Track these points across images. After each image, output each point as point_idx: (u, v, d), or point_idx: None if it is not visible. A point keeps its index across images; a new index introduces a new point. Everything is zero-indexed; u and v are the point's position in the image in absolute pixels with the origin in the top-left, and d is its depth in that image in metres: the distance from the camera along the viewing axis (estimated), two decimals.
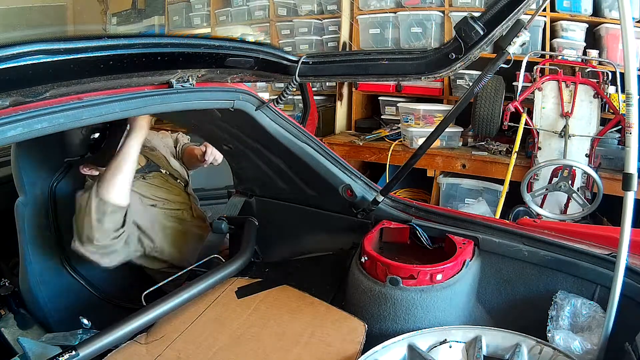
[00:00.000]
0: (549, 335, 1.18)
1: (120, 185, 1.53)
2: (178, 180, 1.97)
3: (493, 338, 1.16)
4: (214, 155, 1.95)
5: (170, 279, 1.48)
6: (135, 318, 1.22)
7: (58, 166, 1.76)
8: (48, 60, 0.84)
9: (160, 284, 1.45)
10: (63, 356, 1.07)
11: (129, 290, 1.88)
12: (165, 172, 1.94)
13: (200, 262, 1.56)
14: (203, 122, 1.60)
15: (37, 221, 1.70)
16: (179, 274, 1.51)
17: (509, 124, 3.21)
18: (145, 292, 1.37)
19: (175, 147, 2.15)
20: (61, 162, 1.74)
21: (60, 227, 1.74)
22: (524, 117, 3.15)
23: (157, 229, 1.75)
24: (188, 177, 2.06)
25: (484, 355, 1.14)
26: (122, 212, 1.55)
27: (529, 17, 1.08)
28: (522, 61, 3.24)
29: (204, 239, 1.80)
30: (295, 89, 1.46)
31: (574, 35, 3.43)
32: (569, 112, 3.15)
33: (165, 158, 1.99)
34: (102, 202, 1.49)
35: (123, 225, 1.56)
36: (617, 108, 3.11)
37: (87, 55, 0.90)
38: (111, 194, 1.51)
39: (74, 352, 1.08)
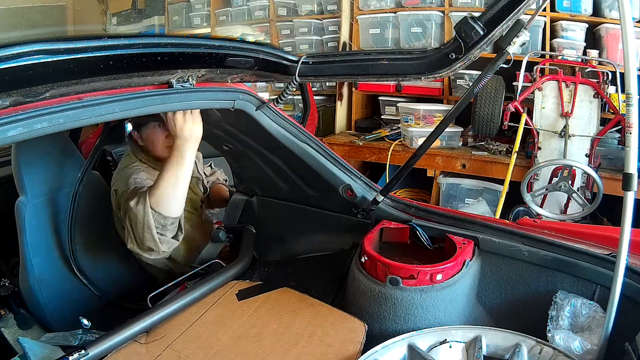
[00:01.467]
0: (549, 335, 1.18)
1: (178, 199, 1.47)
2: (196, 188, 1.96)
3: (493, 338, 1.16)
4: None
5: (175, 281, 1.49)
6: (142, 319, 1.23)
7: (76, 168, 1.77)
8: (48, 60, 0.84)
9: (167, 286, 1.46)
10: (73, 355, 1.08)
11: (129, 290, 1.88)
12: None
13: (202, 267, 1.56)
14: (204, 122, 1.60)
15: (38, 221, 1.70)
16: (183, 277, 1.51)
17: (509, 124, 3.21)
18: (152, 294, 1.37)
19: (207, 179, 2.10)
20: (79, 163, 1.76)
21: (62, 227, 1.74)
22: (524, 117, 3.15)
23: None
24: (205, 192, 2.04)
25: (484, 355, 1.14)
26: (179, 219, 1.53)
27: (529, 17, 1.08)
28: (522, 61, 3.24)
29: None
30: (295, 89, 1.46)
31: (574, 35, 3.43)
32: (569, 112, 3.15)
33: (195, 178, 1.95)
34: (161, 216, 1.44)
35: (180, 228, 1.54)
36: (617, 108, 3.11)
37: (87, 55, 0.91)
38: (171, 209, 1.46)
39: (83, 351, 1.09)
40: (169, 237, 1.49)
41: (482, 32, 1.03)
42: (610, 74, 3.24)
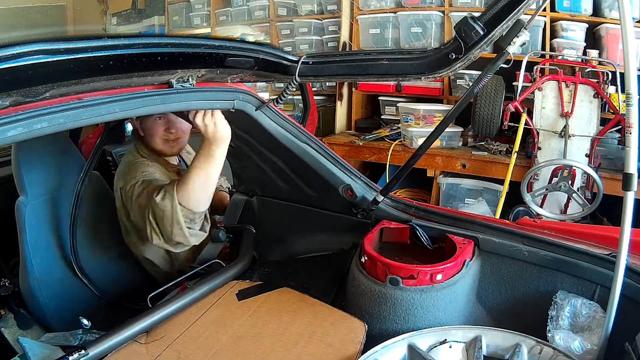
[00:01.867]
0: (549, 335, 1.18)
1: (207, 195, 1.49)
2: None
3: (493, 338, 1.16)
4: None
5: (175, 281, 1.49)
6: (142, 319, 1.23)
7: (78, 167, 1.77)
8: (48, 60, 0.84)
9: (166, 286, 1.45)
10: (73, 355, 1.08)
11: (129, 290, 1.88)
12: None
13: (202, 267, 1.56)
14: None
15: (37, 221, 1.70)
16: (184, 277, 1.51)
17: (509, 124, 3.21)
18: (152, 294, 1.37)
19: None
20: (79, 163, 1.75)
21: (62, 227, 1.74)
22: (524, 117, 3.15)
23: None
24: None
25: (484, 355, 1.14)
26: (205, 210, 1.55)
27: (529, 17, 1.08)
28: (522, 61, 3.23)
29: None
30: (295, 89, 1.46)
31: (574, 35, 3.43)
32: (569, 112, 3.15)
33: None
34: (190, 212, 1.46)
35: (206, 219, 1.56)
36: (617, 108, 3.11)
37: (87, 55, 0.91)
38: (199, 204, 1.48)
39: (83, 351, 1.09)
40: (197, 230, 1.51)
41: (482, 32, 1.03)
42: (610, 74, 3.23)
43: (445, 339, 1.16)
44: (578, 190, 3.05)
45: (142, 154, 1.77)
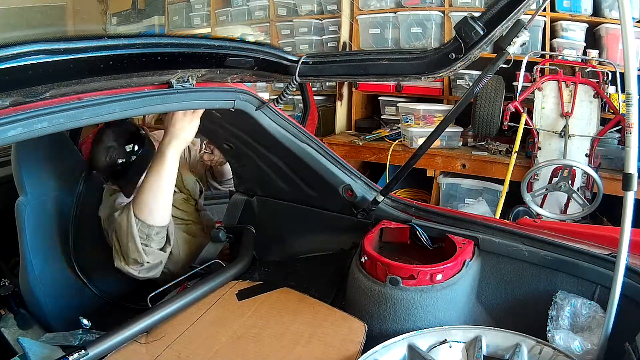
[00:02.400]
0: (549, 335, 1.18)
1: (162, 205, 1.41)
2: (191, 199, 1.95)
3: (493, 338, 1.16)
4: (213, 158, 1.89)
5: (174, 282, 1.48)
6: (142, 319, 1.23)
7: (78, 169, 1.76)
8: (48, 60, 0.84)
9: (166, 286, 1.45)
10: (73, 355, 1.08)
11: (129, 290, 1.88)
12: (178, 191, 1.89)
13: (202, 267, 1.56)
14: (204, 120, 1.60)
15: (37, 221, 1.70)
16: (183, 277, 1.51)
17: (509, 124, 3.21)
18: (151, 294, 1.37)
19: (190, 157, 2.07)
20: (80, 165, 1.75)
21: (62, 227, 1.74)
22: (524, 117, 3.15)
23: (176, 240, 1.73)
24: (201, 193, 2.01)
25: (484, 355, 1.14)
26: (166, 228, 1.47)
27: (529, 17, 1.08)
28: (522, 61, 3.24)
29: None
30: (295, 89, 1.46)
31: (574, 35, 3.43)
32: (569, 112, 3.15)
33: (181, 175, 1.92)
34: (144, 225, 1.40)
35: (168, 240, 1.50)
36: (617, 108, 3.11)
37: (87, 55, 0.91)
38: (154, 216, 1.39)
39: (83, 351, 1.09)
40: (154, 248, 1.44)
41: (482, 32, 1.03)
42: (610, 74, 3.24)
43: (445, 339, 1.16)
44: (578, 190, 3.05)
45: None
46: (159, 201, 1.40)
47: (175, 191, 1.83)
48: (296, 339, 1.20)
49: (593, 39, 3.49)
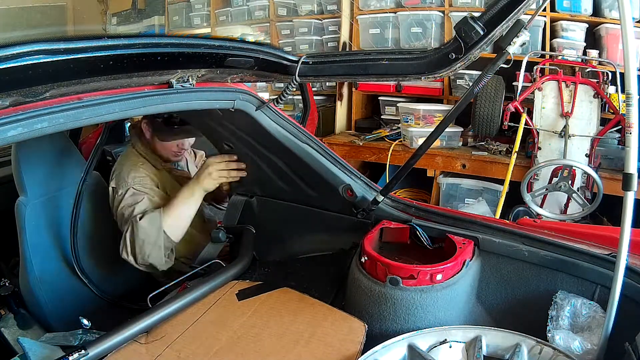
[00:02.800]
0: (549, 335, 1.18)
1: (182, 226, 1.67)
2: None
3: (493, 338, 1.16)
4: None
5: (174, 282, 1.49)
6: (142, 319, 1.23)
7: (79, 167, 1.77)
8: (48, 60, 0.84)
9: (166, 286, 1.45)
10: (73, 355, 1.08)
11: (129, 290, 1.88)
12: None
13: (202, 267, 1.56)
14: (205, 120, 1.60)
15: (37, 221, 1.70)
16: (183, 277, 1.51)
17: (509, 124, 3.21)
18: (152, 294, 1.38)
19: None
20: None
21: (62, 227, 1.74)
22: (524, 117, 3.15)
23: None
24: None
25: (484, 355, 1.14)
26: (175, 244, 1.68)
27: (529, 17, 1.08)
28: (522, 61, 3.24)
29: None
30: (295, 89, 1.46)
31: (574, 35, 3.43)
32: (569, 112, 3.15)
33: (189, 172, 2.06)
34: (168, 240, 1.61)
35: (173, 251, 1.69)
36: (617, 108, 3.11)
37: (87, 55, 0.91)
38: (178, 235, 1.65)
39: (83, 351, 1.09)
40: (164, 253, 1.63)
41: (482, 32, 1.03)
42: (610, 74, 3.23)
43: (445, 339, 1.16)
44: (578, 190, 3.05)
45: (139, 150, 1.84)
46: (182, 223, 1.66)
47: (182, 168, 2.01)
48: (296, 339, 1.20)
49: (593, 39, 3.49)
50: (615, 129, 3.09)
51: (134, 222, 1.58)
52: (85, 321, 1.38)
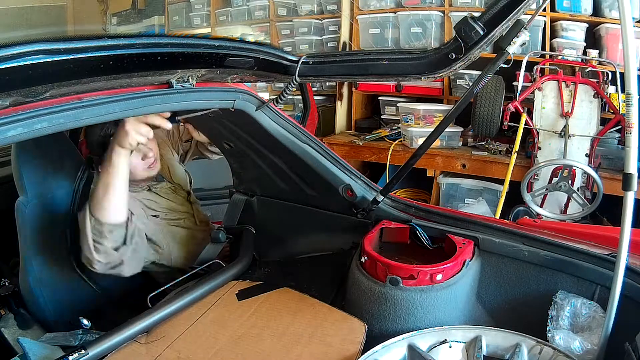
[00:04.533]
0: (549, 335, 1.18)
1: (114, 202, 1.39)
2: (181, 190, 1.93)
3: (493, 338, 1.16)
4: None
5: (174, 282, 1.48)
6: (142, 319, 1.23)
7: (76, 166, 1.75)
8: (48, 60, 0.84)
9: (166, 286, 1.45)
10: (73, 355, 1.08)
11: (129, 291, 1.88)
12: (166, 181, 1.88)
13: (202, 267, 1.55)
14: (205, 119, 1.59)
15: (37, 221, 1.70)
16: (183, 277, 1.51)
17: (509, 124, 3.21)
18: (151, 295, 1.37)
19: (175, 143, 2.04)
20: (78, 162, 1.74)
21: (63, 227, 1.74)
22: (524, 117, 3.15)
23: (163, 237, 1.74)
24: (190, 183, 2.00)
25: (484, 355, 1.14)
26: (122, 228, 1.44)
27: (529, 17, 1.08)
28: (522, 61, 3.24)
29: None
30: (295, 89, 1.46)
31: (574, 35, 3.43)
32: (569, 112, 3.15)
33: (169, 168, 1.92)
34: (97, 222, 1.38)
35: (125, 242, 1.46)
36: (617, 108, 3.11)
37: (87, 55, 0.90)
38: (106, 212, 1.38)
39: (83, 351, 1.09)
40: (107, 247, 1.40)
41: (482, 32, 1.03)
42: (610, 74, 3.23)
43: (445, 339, 1.16)
44: (578, 190, 3.05)
45: None
46: (110, 198, 1.38)
47: (162, 179, 1.84)
48: (296, 339, 1.20)
49: (593, 39, 3.49)
50: (615, 129, 3.09)
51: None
52: (85, 321, 1.38)
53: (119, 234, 1.43)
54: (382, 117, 4.25)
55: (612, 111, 3.21)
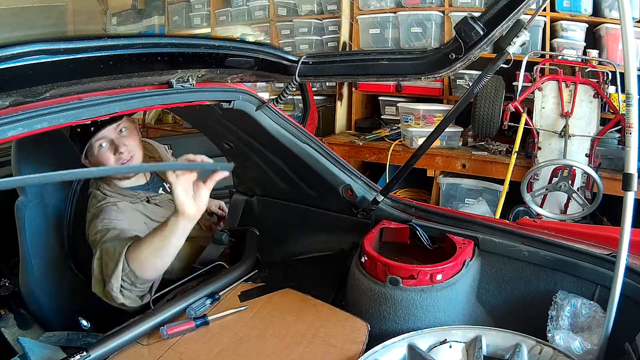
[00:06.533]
0: (549, 335, 1.18)
1: (159, 266, 1.34)
2: None
3: (493, 338, 1.16)
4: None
5: (176, 284, 1.48)
6: (144, 321, 1.22)
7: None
8: (48, 60, 0.84)
9: (168, 289, 1.45)
10: (74, 357, 1.08)
11: None
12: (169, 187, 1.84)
13: (205, 269, 1.55)
14: (206, 119, 1.59)
15: (37, 221, 1.70)
16: (185, 279, 1.50)
17: (509, 124, 3.21)
18: (153, 296, 1.37)
19: None
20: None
21: (62, 227, 1.74)
22: (524, 117, 3.15)
23: None
24: None
25: (484, 355, 1.13)
26: (152, 282, 1.40)
27: (529, 17, 1.08)
28: (522, 61, 3.24)
29: None
30: (295, 89, 1.46)
31: (574, 35, 3.43)
32: (569, 112, 3.15)
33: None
34: (132, 274, 1.31)
35: (150, 290, 1.41)
36: (617, 108, 3.11)
37: (87, 55, 0.91)
38: (145, 272, 1.32)
39: (85, 353, 1.09)
40: (134, 296, 1.37)
41: (482, 32, 1.03)
42: (610, 74, 3.24)
43: (445, 339, 1.16)
44: (578, 190, 3.05)
45: (103, 190, 1.62)
46: (156, 261, 1.33)
47: (167, 189, 1.77)
48: (298, 340, 1.20)
49: (593, 39, 3.49)
50: (615, 129, 3.09)
51: (103, 250, 1.37)
52: (84, 322, 1.37)
53: (148, 285, 1.40)
54: (382, 117, 4.25)
55: (612, 111, 3.21)
